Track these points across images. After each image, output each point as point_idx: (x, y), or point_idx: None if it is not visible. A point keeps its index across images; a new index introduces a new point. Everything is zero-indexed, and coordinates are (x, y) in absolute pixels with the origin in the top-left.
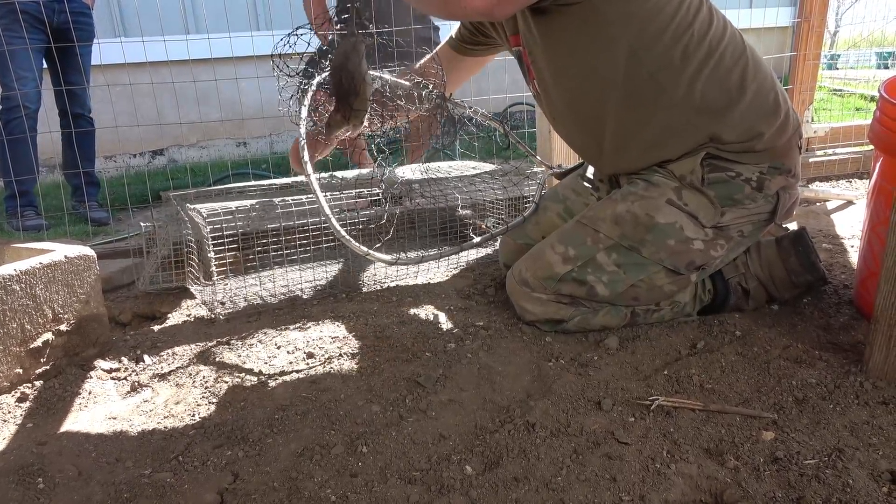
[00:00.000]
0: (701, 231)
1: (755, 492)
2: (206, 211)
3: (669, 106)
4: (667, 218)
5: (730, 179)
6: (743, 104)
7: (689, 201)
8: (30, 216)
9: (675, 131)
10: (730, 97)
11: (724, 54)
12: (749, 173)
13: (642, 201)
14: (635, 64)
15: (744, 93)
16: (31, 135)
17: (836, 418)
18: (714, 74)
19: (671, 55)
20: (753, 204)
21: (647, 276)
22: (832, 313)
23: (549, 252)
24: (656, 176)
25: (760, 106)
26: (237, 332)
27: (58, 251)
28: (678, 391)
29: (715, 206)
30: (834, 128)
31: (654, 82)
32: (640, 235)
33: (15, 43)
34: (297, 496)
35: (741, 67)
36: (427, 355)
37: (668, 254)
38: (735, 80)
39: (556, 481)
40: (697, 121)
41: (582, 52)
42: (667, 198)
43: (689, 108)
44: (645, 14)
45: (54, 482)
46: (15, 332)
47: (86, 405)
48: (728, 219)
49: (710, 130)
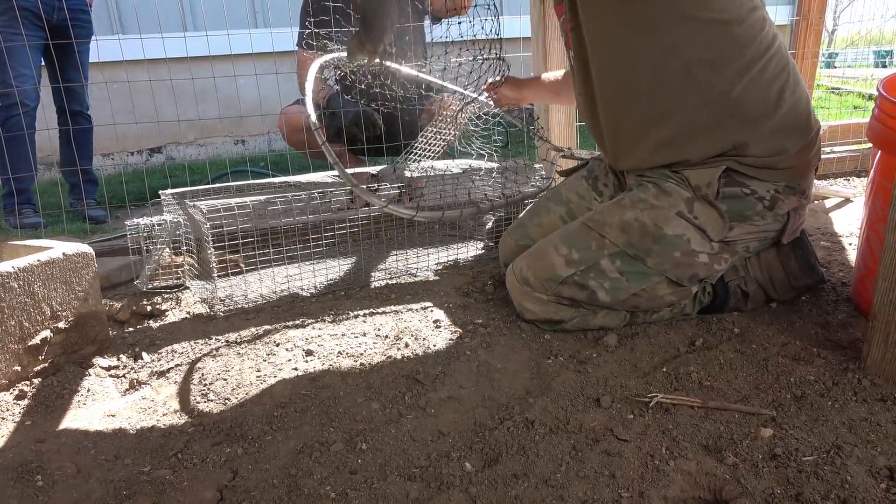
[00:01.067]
0: (707, 245)
1: (754, 488)
2: (205, 208)
3: (700, 105)
4: (675, 230)
5: (744, 196)
6: (778, 116)
7: (700, 214)
8: (28, 214)
9: (699, 132)
10: (766, 107)
11: (770, 62)
12: (763, 191)
13: (652, 211)
14: (672, 52)
15: (780, 105)
16: (29, 132)
17: (834, 415)
18: (757, 81)
19: (715, 50)
20: (763, 221)
21: (649, 285)
22: (830, 311)
23: (552, 253)
24: (669, 183)
25: (794, 122)
26: (236, 329)
27: (56, 249)
28: (677, 388)
29: (724, 221)
30: (832, 126)
31: (689, 76)
32: (647, 245)
33: (14, 40)
34: (297, 493)
35: (783, 79)
36: (426, 353)
37: (672, 265)
38: (775, 90)
39: (556, 478)
40: (728, 125)
41: (618, 29)
42: (677, 210)
43: (722, 110)
44: (684, 4)
45: (53, 480)
46: (13, 329)
47: (84, 403)
48: (736, 234)
49: (738, 138)
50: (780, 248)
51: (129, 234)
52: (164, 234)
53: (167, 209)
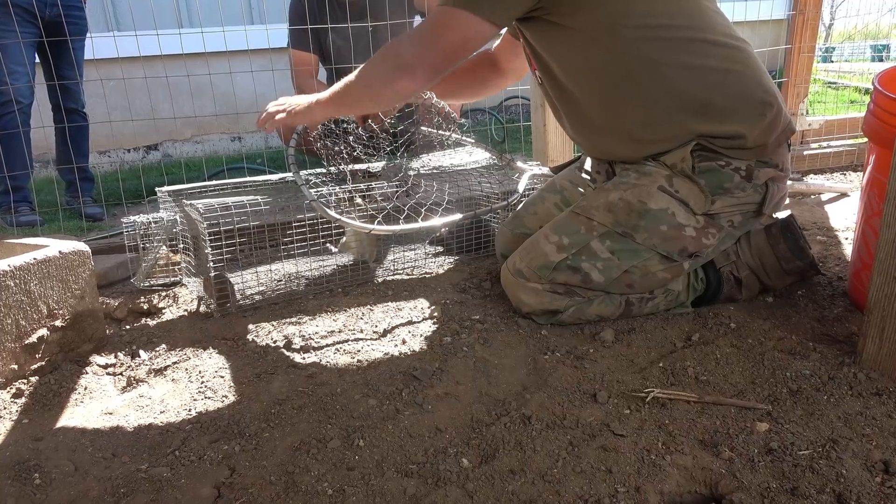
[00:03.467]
0: (692, 218)
1: (750, 482)
2: (202, 207)
3: (649, 104)
4: (659, 204)
5: (720, 168)
6: (723, 103)
7: (680, 188)
8: (24, 212)
9: (658, 127)
10: (707, 95)
11: (704, 51)
12: (738, 163)
13: (634, 189)
14: (612, 63)
15: (724, 91)
16: (24, 130)
17: (830, 409)
18: (690, 70)
19: (646, 53)
20: (742, 193)
21: (640, 262)
22: (826, 305)
23: (543, 242)
24: (648, 166)
25: (744, 108)
26: (233, 326)
27: (52, 246)
28: (673, 383)
29: (705, 194)
30: (828, 120)
31: (631, 82)
32: (633, 221)
33: (7, 37)
34: (294, 490)
35: (722, 67)
36: (423, 349)
37: (661, 239)
38: (711, 80)
39: (553, 473)
40: (679, 118)
41: (558, 55)
42: (658, 184)
43: (670, 104)
44: (610, 18)
45: (51, 477)
46: (10, 327)
47: (81, 401)
48: (718, 207)
49: (692, 128)
50: (769, 231)
51: (125, 231)
52: (161, 231)
53: (164, 207)
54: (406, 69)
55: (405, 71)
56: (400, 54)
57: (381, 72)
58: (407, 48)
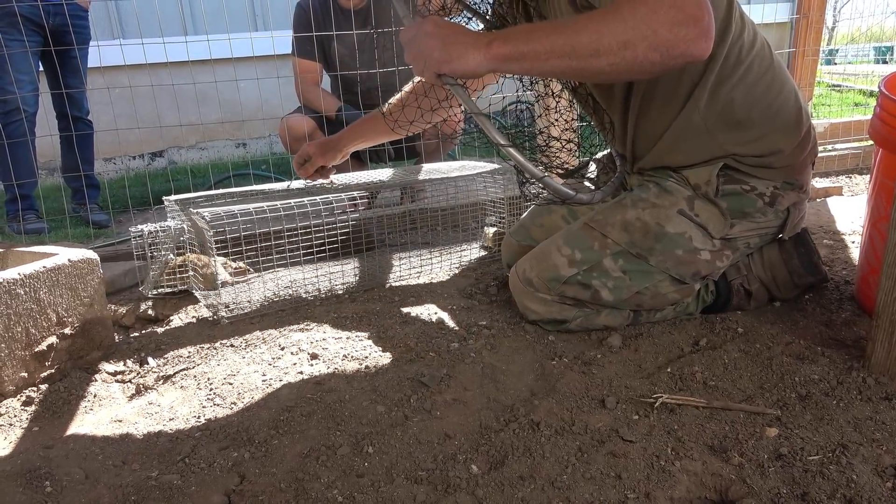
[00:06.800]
0: (709, 242)
1: (760, 488)
2: (208, 215)
3: (691, 110)
4: (676, 228)
5: (744, 193)
6: (766, 118)
7: (701, 212)
8: (31, 219)
9: (690, 139)
10: (753, 109)
11: (753, 64)
12: (763, 188)
13: (653, 210)
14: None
15: (769, 106)
16: (30, 138)
17: (839, 414)
18: (740, 84)
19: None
20: (763, 218)
21: (651, 283)
22: (834, 309)
23: (554, 253)
24: (669, 181)
25: (784, 122)
26: (241, 333)
27: (61, 255)
28: (681, 388)
29: (725, 218)
30: (833, 123)
31: (670, 87)
32: (649, 244)
33: (12, 46)
34: (304, 497)
35: (767, 80)
36: (431, 355)
37: (674, 263)
38: (760, 91)
39: (562, 480)
40: (717, 131)
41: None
42: (678, 208)
43: (711, 116)
44: None
45: (62, 485)
46: (20, 335)
47: (91, 408)
48: (737, 231)
49: (728, 143)
50: (783, 246)
51: (133, 240)
52: (168, 240)
53: (171, 215)
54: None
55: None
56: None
57: (663, 17)
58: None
